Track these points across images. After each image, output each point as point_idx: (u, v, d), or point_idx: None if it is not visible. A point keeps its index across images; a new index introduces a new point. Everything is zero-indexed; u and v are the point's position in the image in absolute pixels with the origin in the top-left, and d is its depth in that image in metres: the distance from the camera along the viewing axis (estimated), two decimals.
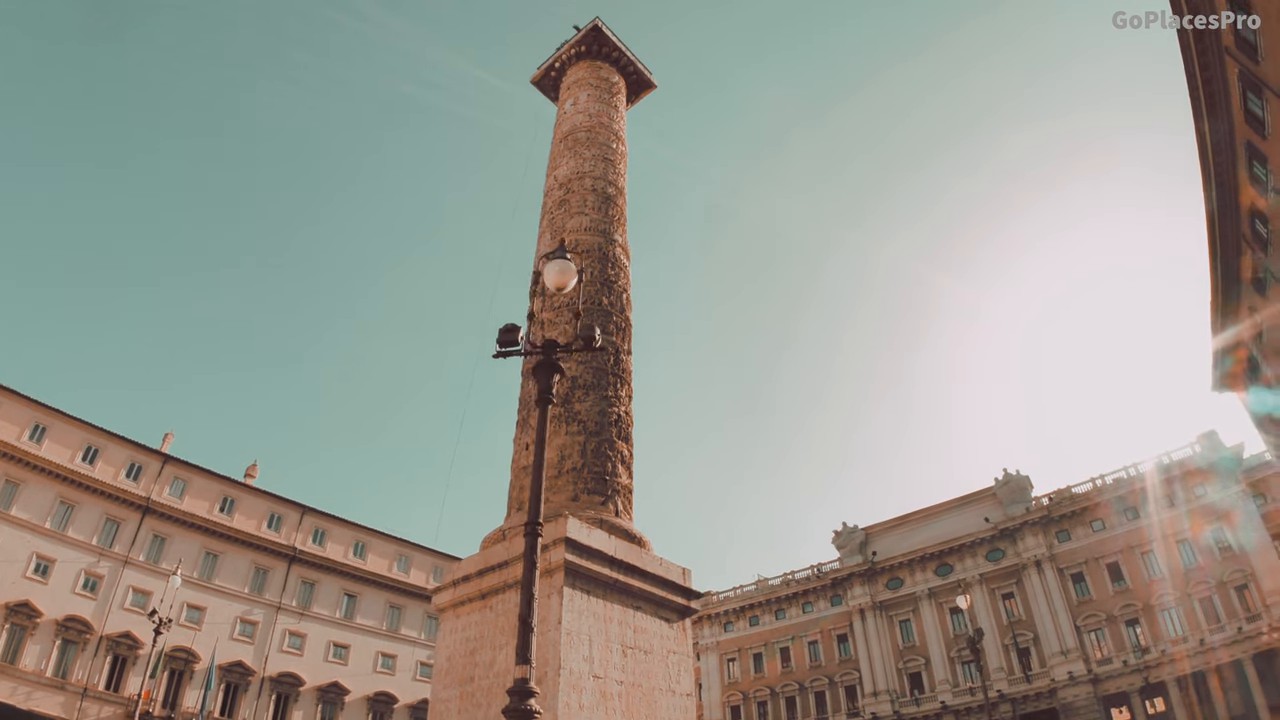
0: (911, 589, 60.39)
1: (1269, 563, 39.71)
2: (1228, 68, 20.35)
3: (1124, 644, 45.34)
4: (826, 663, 62.89)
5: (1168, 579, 44.34)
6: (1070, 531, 52.16)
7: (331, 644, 45.98)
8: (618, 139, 29.97)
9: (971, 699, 52.11)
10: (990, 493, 59.11)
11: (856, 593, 63.19)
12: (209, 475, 43.04)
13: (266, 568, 44.38)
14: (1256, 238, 24.71)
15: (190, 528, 40.73)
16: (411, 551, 54.56)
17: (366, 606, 49.46)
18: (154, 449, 40.68)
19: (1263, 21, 17.60)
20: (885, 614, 61.41)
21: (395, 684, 48.31)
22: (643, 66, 34.91)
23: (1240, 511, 41.63)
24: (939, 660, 56.18)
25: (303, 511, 48.19)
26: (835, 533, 68.84)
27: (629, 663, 17.10)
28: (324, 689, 43.89)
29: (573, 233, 25.36)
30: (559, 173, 27.82)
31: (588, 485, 19.99)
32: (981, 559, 57.14)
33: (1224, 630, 40.16)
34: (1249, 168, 22.53)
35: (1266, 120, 19.97)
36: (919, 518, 63.28)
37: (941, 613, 58.21)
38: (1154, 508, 46.43)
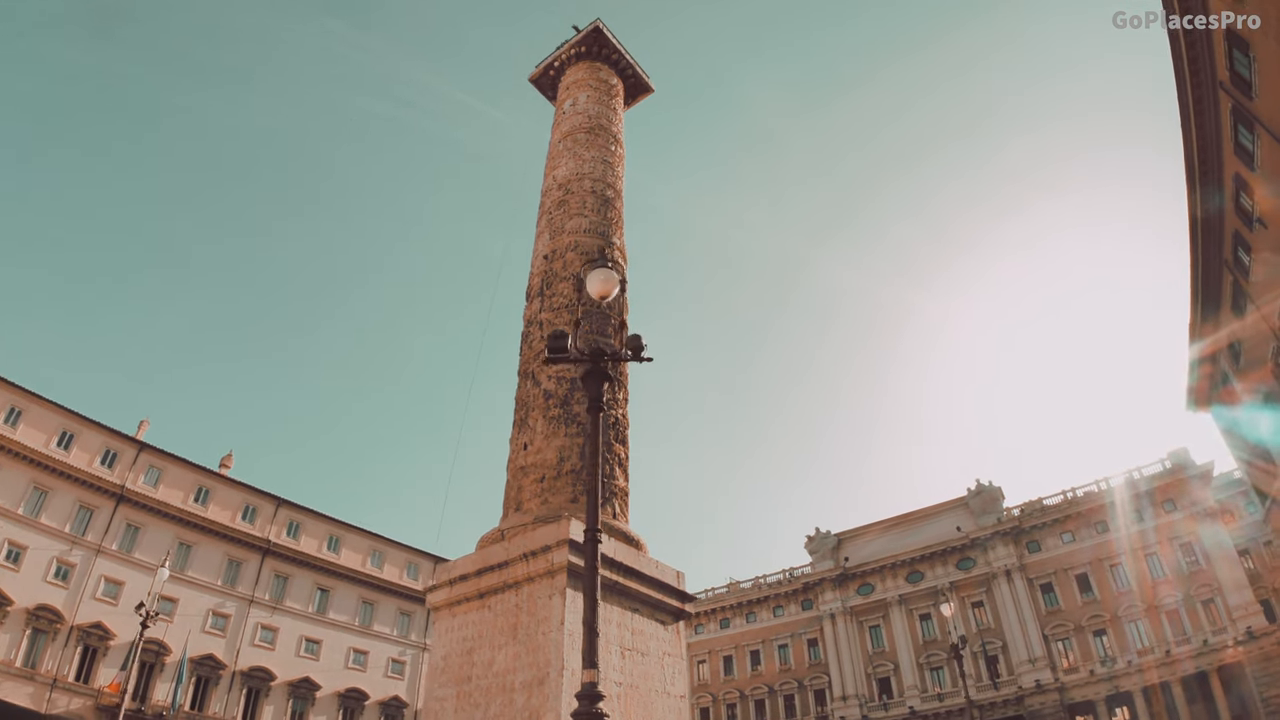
0: (882, 595, 61.12)
1: (1235, 578, 40.89)
2: (1221, 102, 21.01)
3: (1091, 654, 46.38)
4: (796, 666, 63.45)
5: (1135, 591, 45.43)
6: (1040, 542, 53.21)
7: (303, 639, 45.43)
8: (616, 142, 30.01)
9: (940, 704, 52.96)
10: (963, 502, 60.08)
11: (828, 597, 63.81)
12: (184, 464, 42.27)
13: (240, 560, 43.72)
14: (1238, 264, 25.49)
15: (164, 517, 39.97)
16: (385, 547, 54.10)
17: (339, 601, 48.94)
18: (129, 436, 39.85)
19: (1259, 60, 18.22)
20: (856, 619, 62.10)
21: (366, 680, 47.87)
22: (641, 70, 34.99)
23: (1208, 528, 42.82)
24: (908, 666, 56.96)
25: (277, 504, 47.54)
26: (808, 537, 69.51)
27: (627, 664, 17.18)
28: (295, 684, 43.35)
29: (572, 234, 25.34)
30: (558, 173, 27.73)
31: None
32: (952, 567, 58.04)
33: (1190, 643, 41.27)
34: (1236, 197, 23.26)
35: (1256, 154, 20.64)
36: (892, 525, 64.10)
37: (911, 619, 59.02)
38: (1123, 522, 47.55)
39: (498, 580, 17.43)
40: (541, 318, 23.33)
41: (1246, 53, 18.62)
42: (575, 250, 24.88)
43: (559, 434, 20.65)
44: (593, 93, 30.85)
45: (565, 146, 28.70)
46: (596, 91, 31.00)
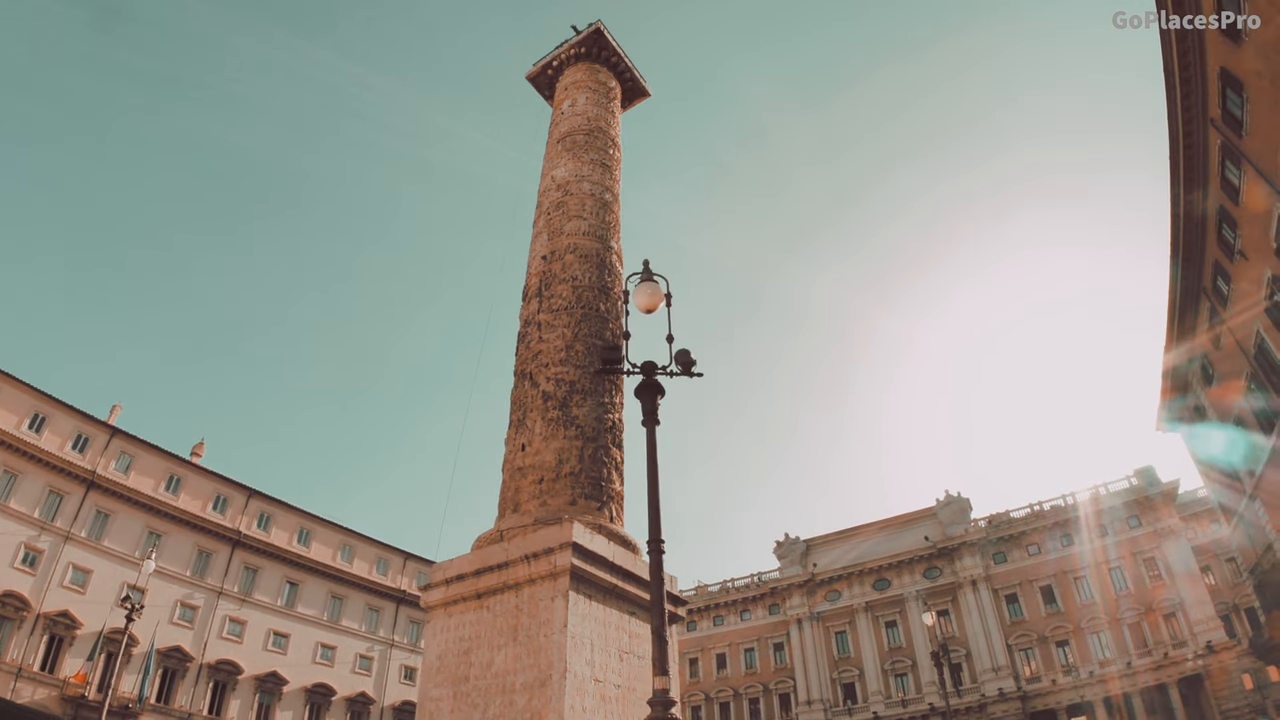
0: (849, 601, 61.90)
1: (1197, 593, 42.24)
2: (1211, 137, 21.74)
3: (1054, 664, 47.55)
4: (762, 670, 64.00)
5: (1099, 604, 46.66)
6: (1007, 554, 54.37)
7: (272, 632, 44.74)
8: (614, 145, 30.02)
9: (904, 710, 53.83)
10: (932, 513, 61.10)
11: (795, 603, 64.44)
12: (156, 452, 41.33)
13: (210, 551, 42.90)
14: (1216, 292, 26.38)
15: (135, 505, 39.05)
16: (355, 541, 53.51)
17: (308, 595, 48.29)
18: (102, 421, 38.87)
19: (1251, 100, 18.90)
20: (822, 625, 62.80)
21: (334, 676, 47.28)
22: (639, 75, 35.04)
23: (1172, 544, 44.14)
24: (873, 672, 57.78)
25: (249, 495, 46.76)
26: (777, 543, 70.18)
27: (624, 667, 17.27)
28: (262, 678, 42.67)
29: (570, 235, 25.31)
30: (557, 174, 27.63)
31: (585, 490, 19.98)
32: (919, 576, 59.00)
33: (1151, 655, 42.53)
34: (1219, 229, 24.08)
35: (1241, 189, 21.41)
36: (861, 533, 64.95)
37: (878, 626, 59.88)
38: (1088, 536, 48.82)
39: (497, 581, 17.36)
40: (540, 318, 23.27)
41: (1240, 92, 19.32)
42: (574, 252, 24.86)
43: (557, 436, 20.60)
44: (591, 95, 30.81)
45: (564, 147, 28.62)
46: (595, 94, 30.97)
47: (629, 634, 18.01)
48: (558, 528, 17.08)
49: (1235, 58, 18.76)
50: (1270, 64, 17.37)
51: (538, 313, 23.63)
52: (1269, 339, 23.42)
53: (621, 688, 16.89)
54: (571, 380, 21.67)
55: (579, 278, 24.04)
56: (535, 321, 23.38)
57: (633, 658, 17.84)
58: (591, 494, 20.04)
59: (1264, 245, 21.58)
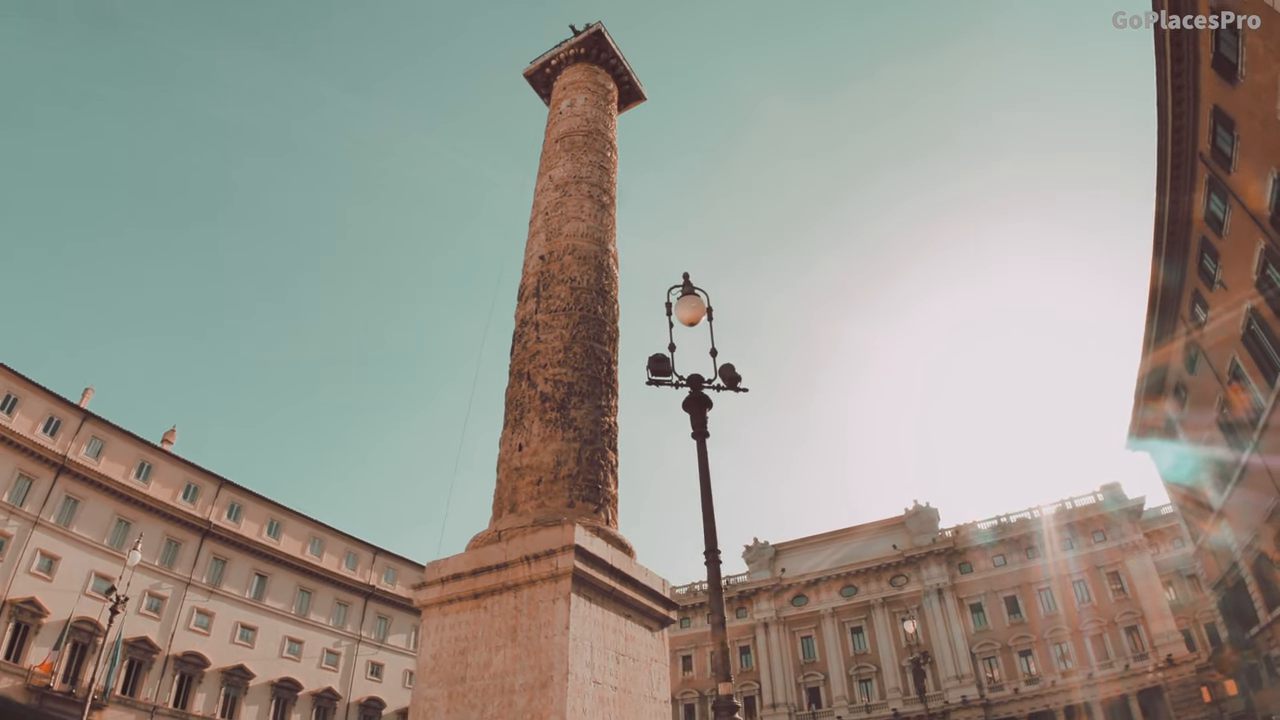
0: (816, 607, 62.63)
1: (1158, 608, 43.54)
2: (1199, 170, 22.53)
3: (1016, 673, 48.69)
4: None
5: (1062, 615, 47.89)
6: (973, 564, 55.52)
7: (239, 625, 44.08)
8: (611, 148, 30.16)
9: (867, 715, 54.68)
10: (900, 522, 62.17)
11: (762, 607, 65.01)
12: (128, 437, 40.42)
13: (179, 541, 42.11)
14: (1194, 318, 27.28)
15: (105, 491, 38.15)
16: (325, 535, 52.93)
17: (277, 588, 47.64)
18: (73, 404, 37.87)
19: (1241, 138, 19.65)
20: (789, 629, 63.44)
21: (301, 670, 46.70)
22: (636, 78, 35.20)
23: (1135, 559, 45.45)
24: (837, 677, 58.56)
25: (220, 484, 46.00)
26: (746, 547, 70.73)
27: (620, 669, 17.42)
28: (229, 671, 42.01)
29: (569, 236, 25.37)
30: (555, 173, 27.67)
31: (582, 492, 20.09)
32: (886, 583, 59.96)
33: (1113, 666, 43.77)
34: (1200, 258, 24.93)
35: (1226, 223, 22.21)
36: (829, 540, 65.79)
37: (843, 632, 60.69)
38: (1053, 549, 50.07)
39: (495, 581, 17.36)
40: (537, 319, 23.29)
41: (1231, 130, 20.05)
42: (573, 254, 24.93)
43: (555, 438, 20.66)
44: (591, 96, 30.92)
45: (563, 148, 28.66)
46: (594, 95, 31.09)
47: (625, 636, 18.17)
48: (558, 530, 17.15)
49: (1229, 97, 19.47)
50: (1262, 105, 18.08)
51: (535, 313, 23.64)
52: (1244, 366, 24.28)
53: (618, 690, 17.05)
54: (570, 382, 21.76)
55: (577, 279, 24.13)
56: (533, 322, 23.39)
57: (628, 660, 18.00)
58: (589, 496, 20.16)
59: (1244, 278, 22.40)
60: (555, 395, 21.39)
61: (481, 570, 17.46)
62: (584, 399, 21.71)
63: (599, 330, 23.59)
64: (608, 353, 23.47)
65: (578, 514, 19.09)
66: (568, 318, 23.13)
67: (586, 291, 24.05)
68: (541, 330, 22.91)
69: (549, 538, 16.95)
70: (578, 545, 16.37)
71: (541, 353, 22.41)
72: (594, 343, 23.10)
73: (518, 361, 22.93)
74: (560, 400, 21.36)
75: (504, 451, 21.22)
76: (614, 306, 25.11)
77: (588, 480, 20.45)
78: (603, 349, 23.37)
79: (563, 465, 20.31)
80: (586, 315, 23.39)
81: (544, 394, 21.50)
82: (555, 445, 20.55)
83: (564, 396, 21.44)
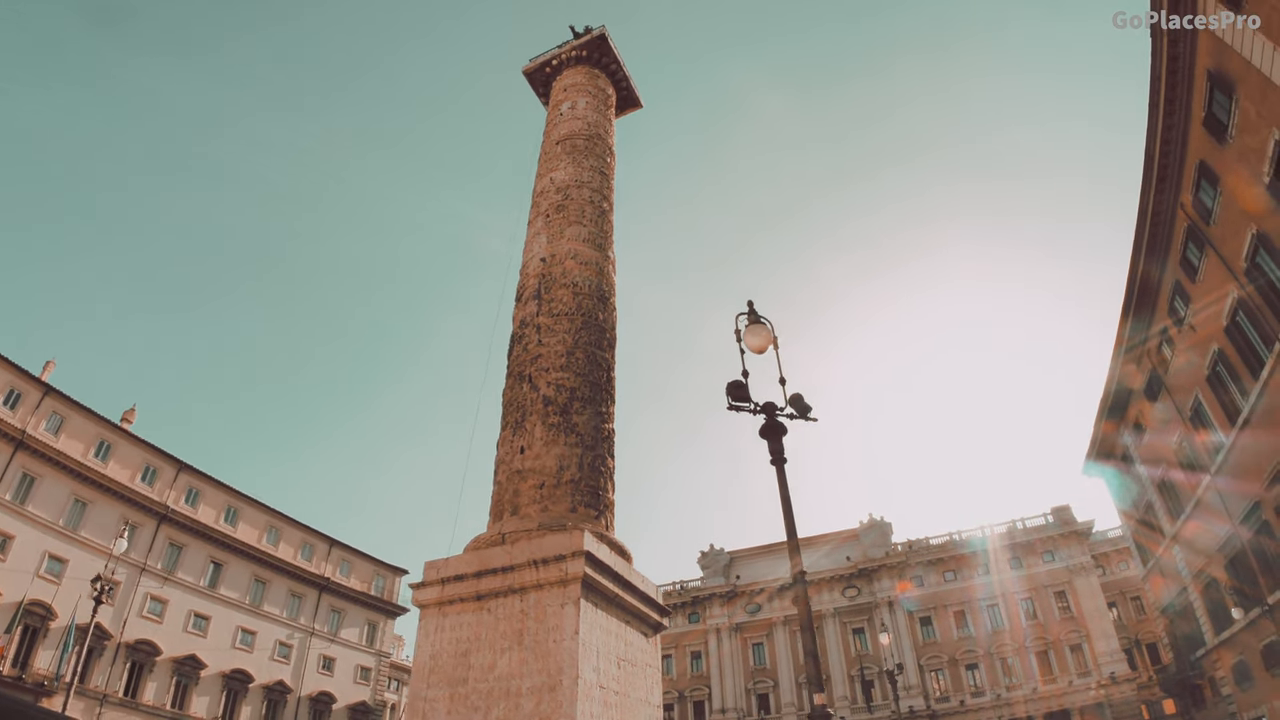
0: (769, 614, 63.52)
1: (1103, 627, 45.50)
2: (1178, 219, 23.81)
3: (963, 685, 50.26)
4: (679, 677, 64.96)
5: (1009, 631, 49.65)
6: (924, 578, 57.09)
7: (193, 613, 42.94)
8: (610, 153, 30.38)
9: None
10: (854, 534, 63.55)
11: (715, 612, 65.67)
12: (88, 415, 39.01)
13: (136, 524, 40.79)
14: (1159, 356, 28.72)
15: (62, 470, 36.76)
16: (282, 524, 51.90)
17: (232, 577, 46.55)
18: (34, 377, 36.39)
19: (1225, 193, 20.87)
20: (740, 635, 64.22)
21: (253, 662, 45.73)
22: (634, 86, 35.51)
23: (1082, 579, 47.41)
24: (787, 684, 59.53)
25: (179, 468, 44.74)
26: (702, 553, 71.46)
27: (621, 674, 17.69)
28: (180, 661, 40.90)
29: (571, 241, 25.49)
30: (556, 176, 27.74)
31: (584, 498, 20.26)
32: (839, 594, 61.19)
33: (1056, 682, 45.60)
34: (1171, 302, 26.30)
35: (1201, 269, 23.51)
36: (784, 549, 66.80)
37: (794, 639, 61.69)
38: (1003, 567, 51.87)
39: (500, 584, 17.41)
40: (539, 321, 23.37)
41: (1215, 185, 21.27)
42: (574, 258, 25.06)
43: (558, 442, 20.77)
44: (592, 100, 31.10)
45: (564, 150, 28.75)
46: (595, 99, 31.28)
47: (625, 642, 18.44)
48: (566, 535, 17.29)
49: (1217, 154, 20.64)
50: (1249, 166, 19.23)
51: (537, 315, 23.69)
52: (1206, 406, 25.67)
53: (619, 694, 17.31)
54: (572, 387, 21.91)
55: (579, 284, 24.28)
56: (535, 324, 23.44)
57: (628, 665, 18.28)
58: (590, 502, 20.35)
59: (1214, 322, 23.70)
60: (558, 399, 21.51)
61: (486, 572, 17.49)
62: (586, 404, 21.89)
63: (600, 336, 23.78)
64: (608, 359, 23.69)
65: (580, 519, 19.28)
66: (570, 322, 23.24)
67: (588, 297, 24.23)
68: (544, 334, 22.98)
69: (557, 543, 17.09)
70: (588, 551, 16.58)
71: (544, 356, 22.48)
72: (595, 349, 23.29)
73: (518, 363, 22.89)
74: (563, 405, 21.49)
75: (504, 453, 21.18)
76: (613, 314, 25.34)
77: (589, 486, 20.64)
78: (603, 355, 23.59)
79: (565, 470, 20.45)
80: (588, 321, 23.55)
81: (546, 398, 21.59)
82: (558, 450, 20.67)
83: (566, 401, 21.57)
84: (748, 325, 10.15)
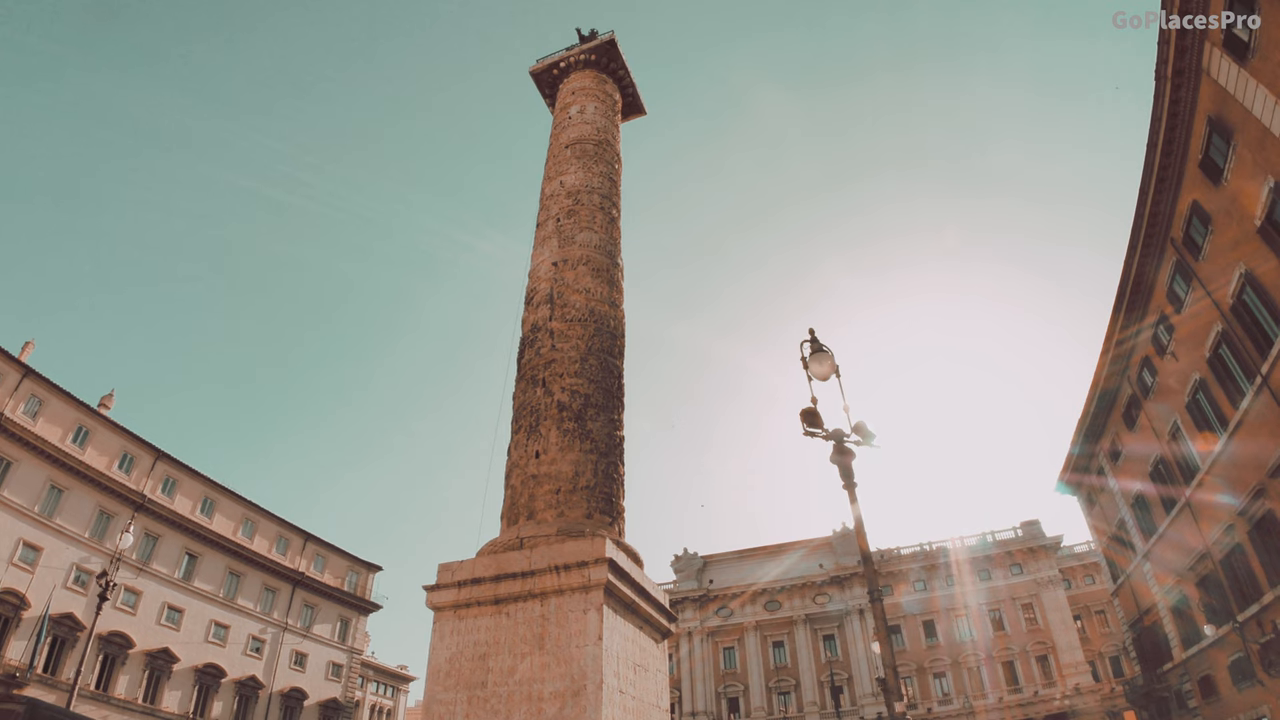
0: (740, 619, 64.22)
1: (1068, 639, 47.01)
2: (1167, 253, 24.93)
3: (930, 693, 51.47)
4: None
5: (977, 642, 50.95)
6: (894, 587, 58.27)
7: (166, 606, 42.14)
8: (618, 159, 30.50)
9: None
10: (827, 542, 64.60)
11: (688, 616, 66.21)
12: (67, 398, 38.02)
13: (112, 513, 39.93)
14: (1141, 383, 29.92)
15: (39, 455, 35.80)
16: (258, 517, 51.14)
17: (206, 570, 45.76)
18: (14, 357, 35.38)
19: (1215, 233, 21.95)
20: (712, 639, 64.85)
21: (225, 657, 45.03)
22: (639, 93, 35.63)
23: (1049, 593, 48.94)
24: (757, 689, 60.27)
25: (156, 456, 43.83)
26: (676, 557, 72.04)
27: (637, 679, 18.00)
28: (154, 654, 40.11)
29: (582, 246, 25.62)
30: (566, 180, 27.78)
31: (599, 505, 20.45)
32: (809, 600, 62.11)
33: (1021, 692, 46.99)
34: (1155, 330, 27.45)
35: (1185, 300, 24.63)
36: (758, 555, 67.66)
37: (765, 645, 62.48)
38: (972, 578, 53.24)
39: (520, 588, 17.49)
40: (552, 326, 23.49)
41: (1206, 225, 22.35)
42: (586, 264, 25.19)
43: (574, 448, 20.92)
44: (600, 105, 31.16)
45: (574, 154, 28.77)
46: (604, 105, 31.35)
47: (639, 647, 18.75)
48: (588, 542, 17.49)
49: (1210, 195, 21.68)
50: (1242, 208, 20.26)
51: (549, 319, 23.79)
52: (1185, 431, 26.84)
53: (636, 699, 17.59)
54: (586, 394, 22.06)
55: (591, 290, 24.45)
56: (547, 329, 23.52)
57: (642, 670, 18.61)
58: (604, 509, 20.59)
59: (1197, 352, 24.80)
60: (572, 405, 21.64)
61: (504, 576, 17.58)
62: (599, 411, 22.07)
63: (611, 344, 24.00)
64: (619, 366, 23.92)
65: (595, 526, 19.50)
66: (583, 328, 23.37)
67: (600, 304, 24.42)
68: (556, 338, 23.08)
69: (578, 549, 17.29)
70: (610, 559, 16.83)
71: (557, 361, 22.58)
72: (608, 356, 23.51)
73: (530, 367, 22.94)
74: (577, 411, 21.62)
75: (518, 456, 21.23)
76: (623, 321, 25.54)
77: (603, 493, 20.85)
78: (615, 362, 23.83)
79: (581, 476, 20.60)
80: (600, 328, 23.73)
81: (561, 403, 21.69)
82: (573, 455, 20.81)
83: (581, 407, 21.70)
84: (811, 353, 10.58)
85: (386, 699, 69.24)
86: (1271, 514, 22.29)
